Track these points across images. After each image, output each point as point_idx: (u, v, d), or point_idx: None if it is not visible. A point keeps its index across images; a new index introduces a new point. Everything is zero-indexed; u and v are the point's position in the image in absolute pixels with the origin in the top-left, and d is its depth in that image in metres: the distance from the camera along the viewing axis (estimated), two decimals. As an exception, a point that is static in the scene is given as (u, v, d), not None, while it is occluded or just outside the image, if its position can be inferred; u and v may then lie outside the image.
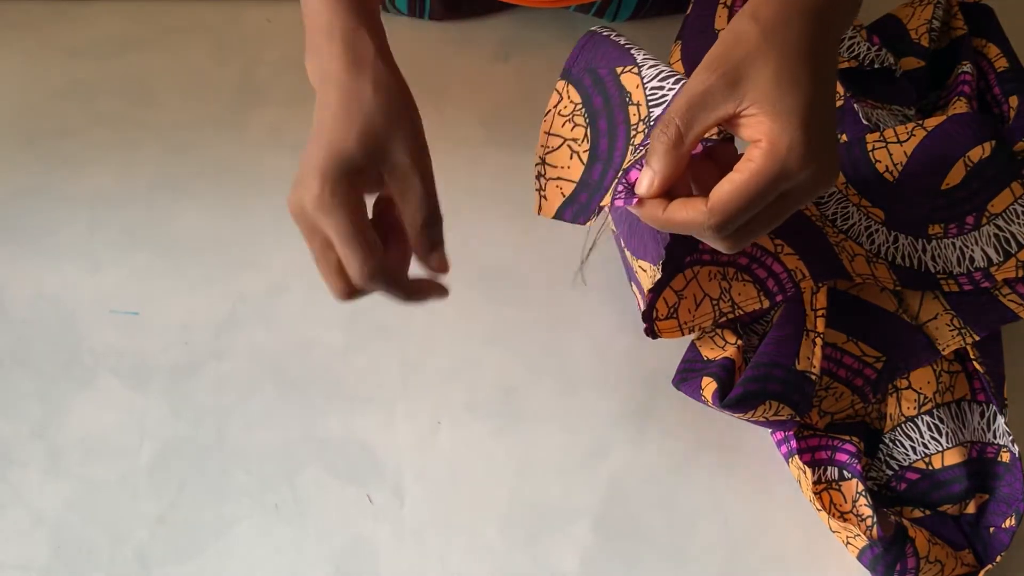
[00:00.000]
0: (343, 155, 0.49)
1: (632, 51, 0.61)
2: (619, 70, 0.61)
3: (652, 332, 0.65)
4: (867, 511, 0.62)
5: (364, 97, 0.51)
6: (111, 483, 0.66)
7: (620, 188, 0.52)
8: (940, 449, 0.64)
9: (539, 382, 0.68)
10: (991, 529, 0.63)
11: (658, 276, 0.61)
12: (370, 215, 0.52)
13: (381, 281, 0.50)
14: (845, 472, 0.64)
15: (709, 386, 0.64)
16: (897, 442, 0.65)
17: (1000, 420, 0.65)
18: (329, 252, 0.50)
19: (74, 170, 0.74)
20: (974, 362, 0.65)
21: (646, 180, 0.49)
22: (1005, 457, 0.64)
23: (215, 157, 0.75)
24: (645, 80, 0.59)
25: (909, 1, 0.73)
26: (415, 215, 0.51)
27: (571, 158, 0.59)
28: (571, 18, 0.79)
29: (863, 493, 0.62)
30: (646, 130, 0.55)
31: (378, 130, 0.50)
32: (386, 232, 0.53)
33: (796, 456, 0.64)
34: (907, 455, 0.65)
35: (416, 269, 0.53)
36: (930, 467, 0.64)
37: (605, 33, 0.63)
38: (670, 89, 0.56)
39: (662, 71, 0.59)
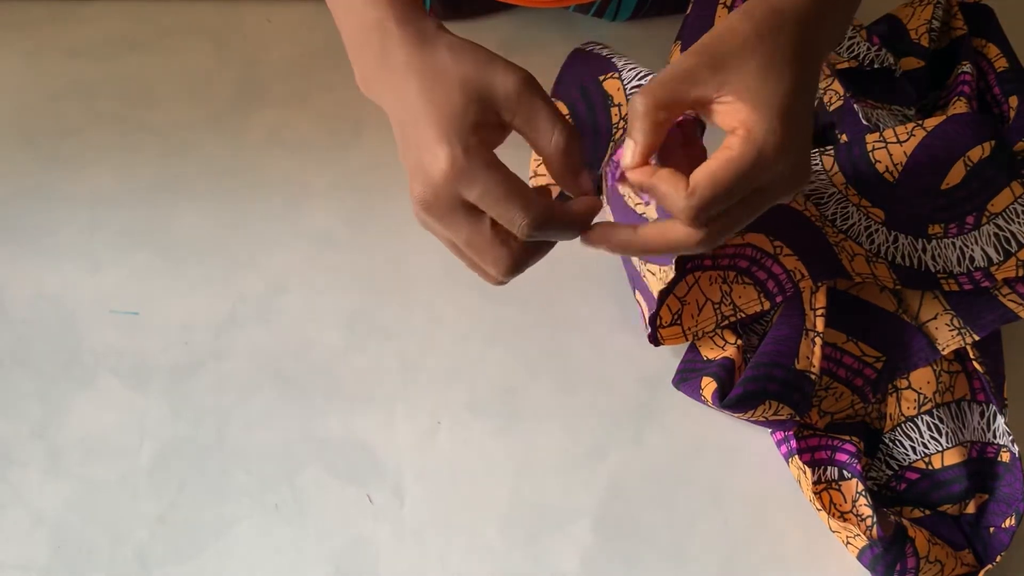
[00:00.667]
0: (456, 113, 0.47)
1: (613, 59, 0.63)
2: (601, 78, 0.64)
3: (655, 339, 0.65)
4: (867, 511, 0.62)
5: (443, 59, 0.48)
6: (111, 483, 0.66)
7: (611, 168, 0.52)
8: (940, 449, 0.64)
9: (539, 382, 0.68)
10: (991, 529, 0.63)
11: (671, 276, 0.62)
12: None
13: (551, 226, 0.47)
14: (845, 472, 0.64)
15: (709, 386, 0.64)
16: (897, 442, 0.65)
17: (1000, 420, 0.65)
18: (478, 233, 0.48)
19: (74, 170, 0.74)
20: (974, 362, 0.65)
21: (629, 150, 0.50)
22: (1005, 457, 0.64)
23: (215, 157, 0.74)
24: (625, 82, 0.61)
25: (909, 1, 0.73)
26: (551, 136, 0.48)
27: None
28: (571, 18, 0.79)
29: (863, 493, 0.62)
30: (625, 127, 0.56)
31: (474, 75, 0.48)
32: None
33: (796, 456, 0.64)
34: (907, 455, 0.65)
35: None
36: (930, 467, 0.64)
37: (588, 48, 0.66)
38: None
39: (641, 72, 0.62)
